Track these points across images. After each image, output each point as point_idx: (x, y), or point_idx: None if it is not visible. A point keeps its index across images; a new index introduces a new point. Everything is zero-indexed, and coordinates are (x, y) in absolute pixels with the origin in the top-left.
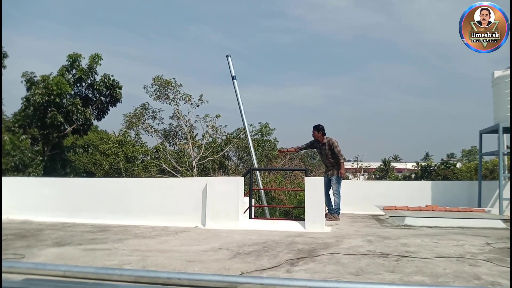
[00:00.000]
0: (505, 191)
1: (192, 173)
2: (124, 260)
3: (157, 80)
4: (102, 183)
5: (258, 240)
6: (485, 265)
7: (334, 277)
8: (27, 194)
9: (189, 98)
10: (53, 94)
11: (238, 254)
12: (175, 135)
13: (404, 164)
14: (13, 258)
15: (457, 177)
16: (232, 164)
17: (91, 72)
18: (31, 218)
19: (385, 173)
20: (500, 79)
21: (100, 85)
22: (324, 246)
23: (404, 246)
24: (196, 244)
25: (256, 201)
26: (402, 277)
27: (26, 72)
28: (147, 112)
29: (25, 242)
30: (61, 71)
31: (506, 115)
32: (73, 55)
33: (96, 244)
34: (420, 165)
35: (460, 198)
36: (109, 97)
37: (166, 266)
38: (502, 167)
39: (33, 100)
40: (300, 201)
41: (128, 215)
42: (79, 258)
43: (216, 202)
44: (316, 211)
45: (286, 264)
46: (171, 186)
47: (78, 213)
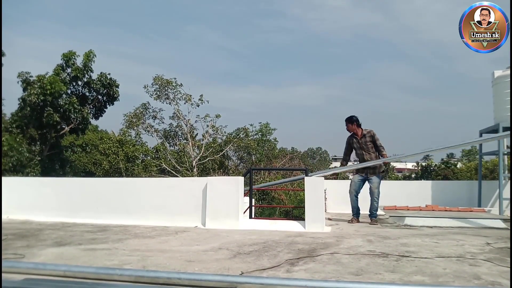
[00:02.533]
0: (505, 191)
1: (192, 173)
2: (124, 260)
3: (158, 79)
4: (102, 183)
5: (258, 240)
6: (485, 265)
7: (334, 277)
8: (27, 194)
9: (189, 98)
10: (48, 93)
11: (238, 254)
12: (175, 135)
13: (404, 164)
14: (13, 258)
15: (457, 177)
16: (232, 164)
17: (86, 70)
18: (31, 218)
19: (385, 173)
20: (500, 79)
21: (97, 83)
22: (324, 246)
23: (404, 246)
24: (196, 244)
25: (256, 201)
26: (402, 277)
27: (22, 72)
28: (148, 111)
29: (25, 242)
30: (56, 70)
31: (506, 115)
32: (67, 54)
33: (96, 244)
34: (420, 165)
35: (460, 198)
36: (106, 96)
37: (166, 266)
38: (502, 167)
39: (29, 100)
40: (300, 201)
41: (128, 215)
42: (79, 258)
43: (216, 202)
44: (316, 211)
45: (286, 264)
46: (171, 186)
47: (78, 213)
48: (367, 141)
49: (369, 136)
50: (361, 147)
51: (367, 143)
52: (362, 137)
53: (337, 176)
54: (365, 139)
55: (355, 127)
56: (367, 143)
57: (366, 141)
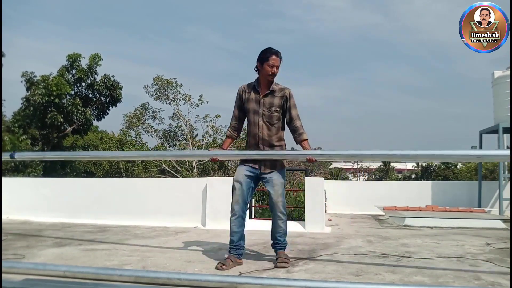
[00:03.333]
0: (505, 191)
1: (192, 174)
2: (124, 260)
3: (158, 80)
4: (102, 183)
5: (258, 240)
6: (485, 266)
7: (334, 278)
8: (27, 194)
9: (189, 98)
10: (52, 94)
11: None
12: (175, 135)
13: (404, 165)
14: (13, 258)
15: (457, 177)
16: (232, 165)
17: (91, 72)
18: (31, 218)
19: (385, 173)
20: (500, 79)
21: (100, 85)
22: (324, 246)
23: (404, 247)
24: (196, 245)
25: (256, 201)
26: (402, 278)
27: (26, 72)
28: (147, 112)
29: (25, 243)
30: (61, 71)
31: (506, 115)
32: (72, 55)
33: (96, 244)
34: (420, 166)
35: (460, 198)
36: (109, 97)
37: (166, 267)
38: (502, 168)
39: (33, 100)
40: (300, 201)
41: (128, 216)
42: (79, 258)
43: (216, 203)
44: (316, 212)
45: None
46: (171, 186)
47: (78, 214)
48: (274, 103)
49: (281, 95)
50: (260, 112)
51: (273, 108)
52: (269, 94)
53: (337, 177)
54: (272, 99)
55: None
56: (272, 107)
57: (273, 104)
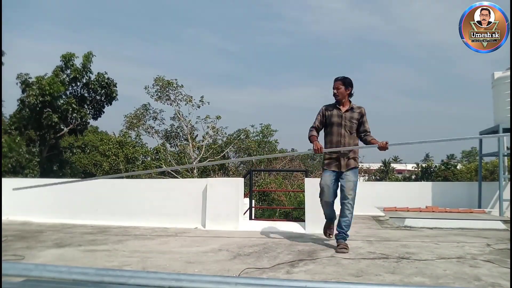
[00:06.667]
0: (505, 192)
1: (192, 174)
2: (124, 261)
3: (159, 80)
4: (102, 184)
5: (258, 241)
6: (485, 266)
7: (334, 278)
8: (27, 195)
9: (190, 99)
10: (46, 94)
11: (238, 255)
12: (175, 136)
13: (404, 165)
14: (13, 259)
15: (457, 178)
16: (232, 165)
17: (85, 71)
18: (31, 219)
19: (385, 174)
20: (500, 80)
21: (94, 84)
22: (324, 247)
23: (404, 247)
24: (196, 245)
25: (256, 202)
26: (403, 278)
27: (21, 74)
28: (148, 112)
29: (25, 243)
30: (56, 72)
31: (506, 116)
32: (66, 55)
33: (96, 245)
34: (420, 166)
35: (460, 199)
36: (104, 96)
37: (166, 267)
38: (502, 168)
39: (28, 101)
40: (300, 202)
41: (128, 216)
42: (79, 259)
43: (216, 203)
44: (316, 213)
45: (286, 265)
46: (171, 187)
47: (78, 214)
48: (353, 117)
49: (359, 112)
50: (343, 124)
51: (353, 120)
52: (349, 111)
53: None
54: (351, 114)
55: (346, 93)
56: (352, 120)
57: (353, 118)
